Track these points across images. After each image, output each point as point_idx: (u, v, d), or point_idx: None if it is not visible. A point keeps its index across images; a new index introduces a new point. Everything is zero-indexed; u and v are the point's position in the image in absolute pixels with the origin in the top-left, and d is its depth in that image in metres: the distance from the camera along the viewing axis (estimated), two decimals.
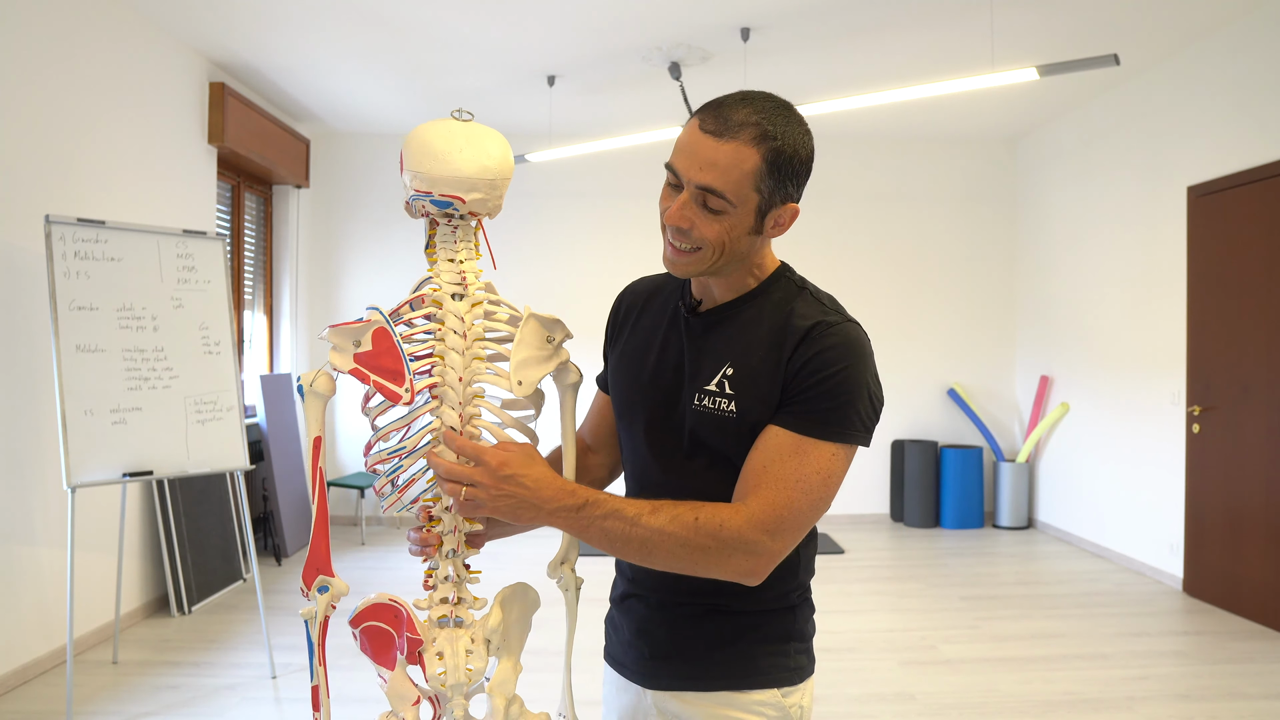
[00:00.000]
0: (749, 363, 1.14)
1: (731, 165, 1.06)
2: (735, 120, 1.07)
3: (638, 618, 1.25)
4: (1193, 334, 4.71)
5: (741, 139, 1.06)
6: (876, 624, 4.25)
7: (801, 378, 1.10)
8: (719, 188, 1.07)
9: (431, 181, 1.11)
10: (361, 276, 6.60)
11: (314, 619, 1.13)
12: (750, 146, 1.06)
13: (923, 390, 6.76)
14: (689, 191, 1.09)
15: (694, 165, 1.08)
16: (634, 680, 1.26)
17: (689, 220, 1.10)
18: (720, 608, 1.19)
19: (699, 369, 1.18)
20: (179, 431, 3.48)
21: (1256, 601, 4.24)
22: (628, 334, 1.32)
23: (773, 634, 1.21)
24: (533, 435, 1.20)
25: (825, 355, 1.10)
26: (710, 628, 1.20)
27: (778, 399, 1.12)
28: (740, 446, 1.14)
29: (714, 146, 1.07)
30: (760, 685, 1.19)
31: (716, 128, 1.07)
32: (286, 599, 4.65)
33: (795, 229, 6.55)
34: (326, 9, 4.22)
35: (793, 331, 1.13)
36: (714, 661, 1.19)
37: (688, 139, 1.09)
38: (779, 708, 1.19)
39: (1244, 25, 4.32)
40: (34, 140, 3.54)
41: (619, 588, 1.32)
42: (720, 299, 1.21)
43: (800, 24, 4.42)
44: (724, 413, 1.14)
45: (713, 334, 1.20)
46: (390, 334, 1.10)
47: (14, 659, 3.40)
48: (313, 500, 1.14)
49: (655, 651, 1.23)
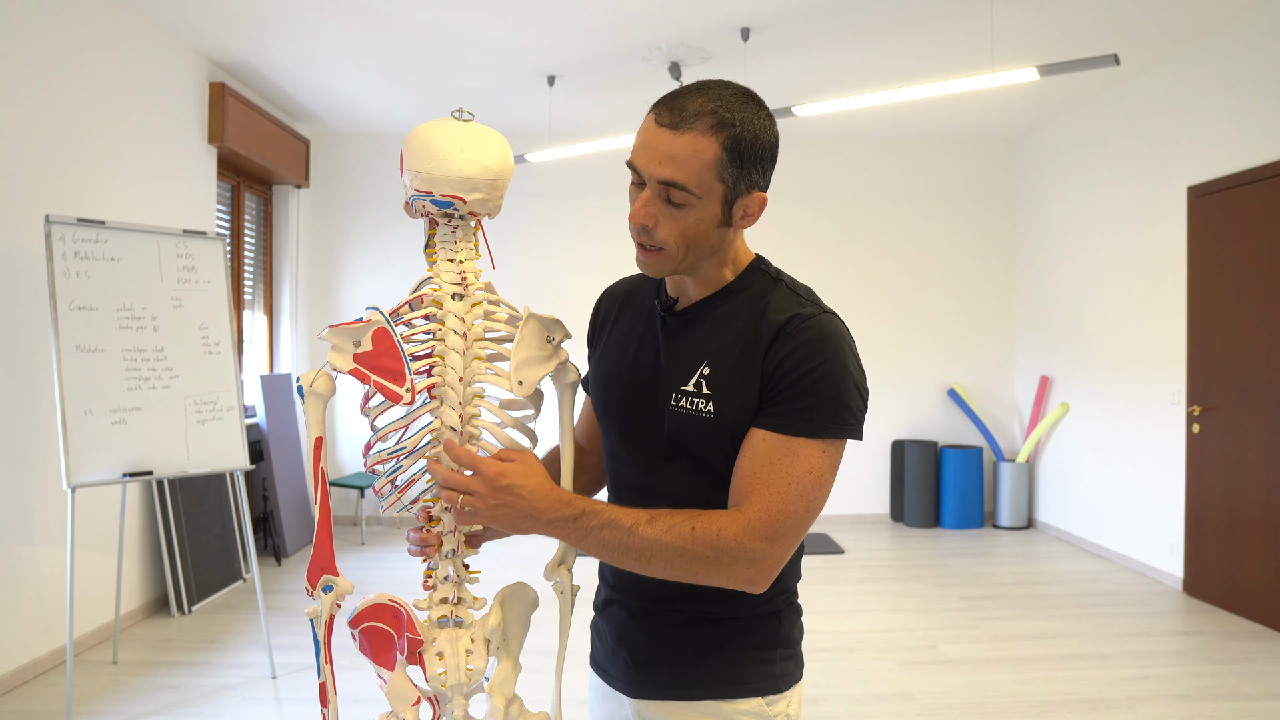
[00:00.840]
0: (726, 361, 1.12)
1: (690, 156, 1.04)
2: (690, 110, 1.04)
3: (619, 624, 1.23)
4: (1193, 334, 4.71)
5: (698, 129, 1.03)
6: (876, 624, 4.25)
7: (780, 375, 1.07)
8: (680, 180, 1.04)
9: (432, 181, 1.11)
10: (361, 276, 6.60)
11: (320, 618, 1.13)
12: (708, 136, 1.04)
13: (923, 390, 6.76)
14: (651, 188, 1.06)
15: (653, 160, 1.05)
16: (617, 688, 1.23)
17: (652, 218, 1.07)
18: (704, 615, 1.17)
19: (676, 369, 1.16)
20: (179, 431, 3.48)
21: (1256, 601, 4.24)
22: (606, 336, 1.30)
23: (758, 641, 1.18)
24: (532, 435, 1.19)
25: (803, 350, 1.07)
26: (693, 635, 1.17)
27: (756, 398, 1.09)
28: (720, 449, 1.11)
29: (671, 139, 1.04)
30: (744, 694, 1.16)
31: (672, 120, 1.04)
32: (286, 599, 4.65)
33: (795, 229, 6.56)
34: (326, 9, 4.22)
35: (768, 326, 1.10)
36: (697, 670, 1.17)
37: (645, 135, 1.07)
38: (764, 718, 1.17)
39: (1244, 25, 4.32)
40: (34, 140, 3.54)
41: (601, 593, 1.30)
42: (696, 296, 1.18)
43: (800, 24, 4.42)
44: (702, 414, 1.12)
45: (689, 332, 1.17)
46: (390, 334, 1.10)
47: (14, 659, 3.40)
48: (315, 501, 1.13)
49: (637, 659, 1.20)
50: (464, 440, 1.13)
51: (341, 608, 1.14)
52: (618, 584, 1.25)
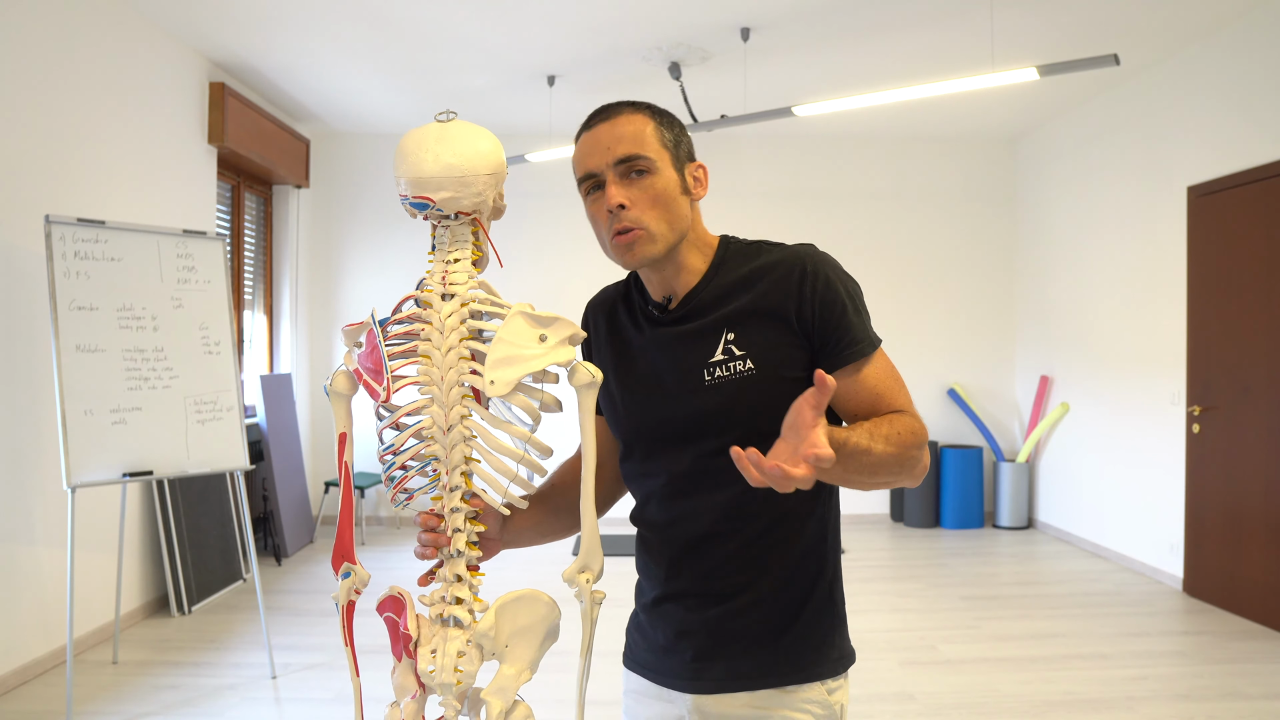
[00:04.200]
0: (749, 320, 1.18)
1: (635, 132, 1.16)
2: (613, 107, 1.19)
3: (677, 620, 1.24)
4: (1193, 334, 4.70)
5: (626, 113, 1.18)
6: (876, 624, 4.25)
7: (823, 315, 1.16)
8: (636, 151, 1.15)
9: (406, 184, 1.12)
10: (361, 276, 6.60)
11: (339, 601, 1.18)
12: (638, 114, 1.18)
13: (923, 390, 6.75)
14: (613, 173, 1.16)
15: (602, 150, 1.16)
16: (674, 685, 1.23)
17: (624, 197, 1.15)
18: (762, 597, 1.19)
19: (697, 351, 1.19)
20: (179, 431, 3.48)
21: (1256, 601, 4.24)
22: (601, 359, 1.32)
23: (818, 627, 1.21)
24: (540, 445, 1.16)
25: (828, 284, 1.17)
26: (753, 623, 1.19)
27: (794, 339, 1.16)
28: (766, 401, 1.14)
29: (609, 127, 1.17)
30: (806, 679, 1.19)
31: (602, 116, 1.19)
32: (286, 599, 4.65)
33: (795, 229, 6.56)
34: (327, 9, 4.23)
35: (791, 274, 1.18)
36: (762, 657, 1.19)
37: (585, 143, 1.19)
38: (825, 705, 1.19)
39: (1244, 25, 4.32)
40: (34, 140, 3.54)
41: (649, 592, 1.29)
42: (684, 289, 1.23)
43: (800, 24, 4.42)
44: (743, 374, 1.16)
45: (696, 317, 1.21)
46: (374, 333, 1.13)
47: (14, 659, 3.40)
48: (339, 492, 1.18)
49: (701, 653, 1.21)
50: (456, 441, 1.13)
51: (361, 594, 1.18)
52: (674, 578, 1.24)
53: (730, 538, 1.20)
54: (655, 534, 1.28)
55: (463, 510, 1.15)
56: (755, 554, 1.20)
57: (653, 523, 1.27)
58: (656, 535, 1.27)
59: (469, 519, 1.16)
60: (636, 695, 1.30)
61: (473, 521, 1.16)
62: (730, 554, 1.21)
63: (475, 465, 1.15)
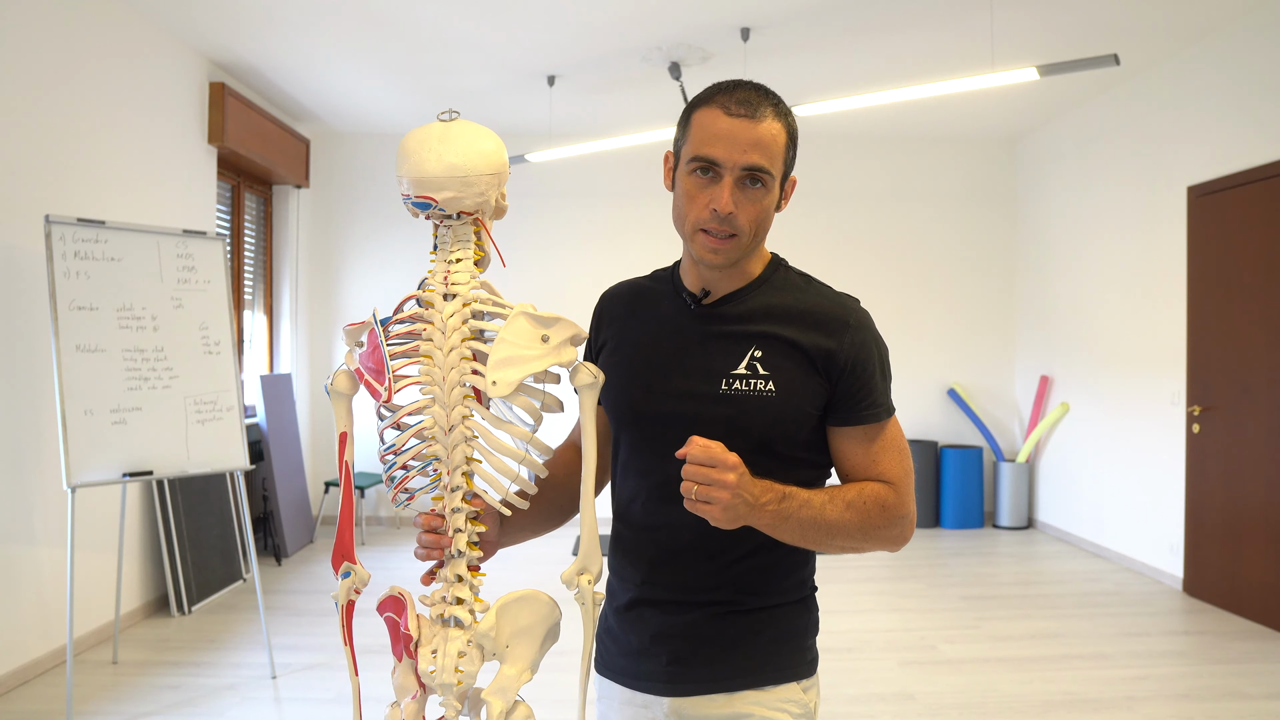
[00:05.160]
0: (780, 347, 1.18)
1: (771, 142, 1.13)
2: (757, 101, 1.14)
3: (652, 624, 1.22)
4: (1193, 334, 4.70)
5: (771, 116, 1.14)
6: (876, 624, 4.25)
7: (855, 371, 1.17)
8: (765, 165, 1.13)
9: (408, 183, 1.12)
10: (361, 276, 6.60)
11: (339, 600, 1.19)
12: (779, 122, 1.15)
13: (923, 390, 6.75)
14: (733, 175, 1.12)
15: (736, 149, 1.12)
16: (648, 690, 1.22)
17: (736, 204, 1.13)
18: (738, 606, 1.20)
19: (721, 356, 1.19)
20: (179, 431, 3.48)
21: (1256, 601, 4.24)
22: (616, 336, 1.30)
23: (790, 627, 1.23)
24: (541, 445, 1.16)
25: (865, 343, 1.19)
26: (732, 625, 1.20)
27: (820, 381, 1.17)
28: (783, 426, 1.16)
29: (751, 127, 1.12)
30: (782, 680, 1.21)
31: (747, 111, 1.13)
32: (286, 599, 4.65)
33: (795, 229, 6.56)
34: (327, 9, 4.22)
35: (834, 321, 1.19)
36: (738, 659, 1.19)
37: (719, 126, 1.13)
38: (800, 703, 1.21)
39: (1244, 25, 4.32)
40: (34, 140, 3.54)
41: (621, 595, 1.27)
42: (727, 289, 1.22)
43: (800, 24, 4.42)
44: (763, 394, 1.16)
45: (728, 320, 1.20)
46: (376, 333, 1.13)
47: (14, 659, 3.40)
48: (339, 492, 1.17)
49: (676, 656, 1.20)
50: (457, 441, 1.13)
51: (361, 594, 1.18)
52: (649, 582, 1.23)
53: (714, 552, 1.19)
54: (636, 535, 1.25)
55: (464, 510, 1.15)
56: (738, 570, 1.20)
57: (635, 523, 1.25)
58: (637, 536, 1.25)
59: (470, 519, 1.16)
60: (612, 702, 1.28)
61: (474, 522, 1.16)
62: (712, 567, 1.20)
63: (476, 465, 1.15)
